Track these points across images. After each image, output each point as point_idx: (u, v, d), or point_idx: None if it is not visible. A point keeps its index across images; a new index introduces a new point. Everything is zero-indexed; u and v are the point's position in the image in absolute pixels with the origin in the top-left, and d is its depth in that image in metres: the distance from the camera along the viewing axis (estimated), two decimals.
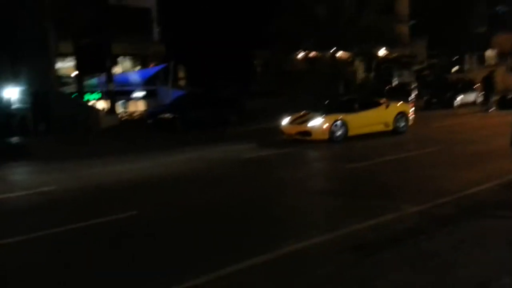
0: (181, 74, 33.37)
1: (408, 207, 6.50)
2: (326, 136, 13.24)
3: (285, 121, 14.18)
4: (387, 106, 14.66)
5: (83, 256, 5.49)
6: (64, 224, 6.61)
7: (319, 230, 5.76)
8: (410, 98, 23.38)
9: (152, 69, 28.78)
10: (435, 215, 6.15)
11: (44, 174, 10.97)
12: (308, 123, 13.48)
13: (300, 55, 29.14)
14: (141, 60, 30.38)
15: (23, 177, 11.27)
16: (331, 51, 26.30)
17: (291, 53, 28.28)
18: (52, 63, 25.92)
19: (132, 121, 23.24)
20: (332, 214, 6.66)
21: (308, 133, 13.39)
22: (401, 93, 23.90)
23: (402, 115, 14.77)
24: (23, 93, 27.40)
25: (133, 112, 26.51)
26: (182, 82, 32.87)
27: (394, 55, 30.74)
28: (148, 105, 27.69)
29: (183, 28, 32.82)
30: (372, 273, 4.40)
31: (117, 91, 24.79)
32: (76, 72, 24.04)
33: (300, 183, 8.81)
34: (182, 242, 5.74)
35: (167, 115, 17.75)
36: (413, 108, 15.70)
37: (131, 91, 26.86)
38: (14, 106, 27.92)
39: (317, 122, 13.38)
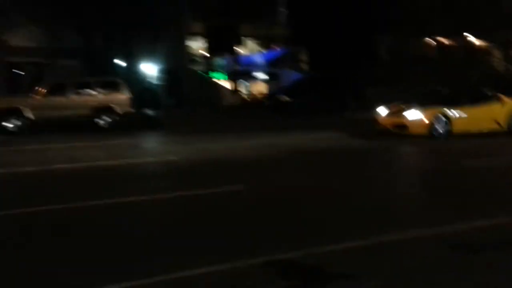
0: (304, 57, 33.68)
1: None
2: (425, 132, 12.23)
3: (383, 111, 13.32)
4: (502, 102, 13.04)
5: (187, 218, 6.15)
6: (176, 190, 7.40)
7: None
8: None
9: (276, 52, 29.48)
10: None
11: (170, 144, 12.18)
12: (405, 115, 12.52)
13: (430, 40, 27.55)
14: (266, 42, 31.24)
15: (152, 146, 12.61)
16: (466, 37, 24.40)
17: (418, 38, 26.87)
18: (185, 43, 28.00)
19: (253, 102, 24.20)
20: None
21: (404, 126, 12.44)
22: None
23: None
24: (159, 69, 30.11)
25: (255, 94, 27.58)
26: (304, 66, 33.16)
27: None
28: (270, 87, 28.58)
29: (309, 12, 32.87)
30: (461, 273, 4.34)
31: (242, 72, 26.01)
32: (206, 52, 25.65)
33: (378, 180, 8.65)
34: (275, 219, 6.12)
35: (283, 98, 18.24)
36: None
37: (255, 73, 27.92)
38: (150, 81, 30.85)
39: (415, 115, 12.37)
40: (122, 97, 15.30)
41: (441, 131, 12.27)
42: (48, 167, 9.32)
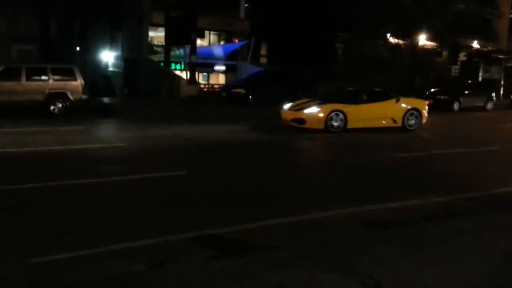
0: (263, 51, 34.22)
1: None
2: (322, 126, 12.71)
3: (287, 106, 13.72)
4: (397, 101, 13.80)
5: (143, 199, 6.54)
6: (125, 174, 7.78)
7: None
8: (492, 95, 22.36)
9: (235, 44, 29.86)
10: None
11: (120, 131, 12.42)
12: (304, 110, 13.02)
13: (384, 40, 28.67)
14: (226, 35, 31.55)
15: (103, 132, 12.79)
16: (414, 39, 25.58)
17: (373, 38, 27.90)
18: (145, 32, 27.93)
19: (210, 93, 24.52)
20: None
21: (302, 120, 12.90)
22: (484, 90, 22.89)
23: (414, 111, 13.90)
24: (116, 58, 29.91)
25: (213, 85, 27.91)
26: (263, 60, 33.69)
27: (486, 49, 29.18)
28: (228, 79, 28.96)
29: (269, 7, 33.39)
30: (366, 245, 4.93)
31: (201, 64, 26.22)
32: (165, 43, 25.72)
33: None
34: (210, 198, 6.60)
35: (239, 90, 18.68)
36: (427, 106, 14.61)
37: (213, 64, 28.23)
38: (107, 69, 30.61)
39: (312, 110, 12.92)
40: (75, 84, 15.27)
41: (336, 126, 12.80)
42: None
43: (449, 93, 21.23)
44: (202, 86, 25.97)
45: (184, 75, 23.78)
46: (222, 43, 31.34)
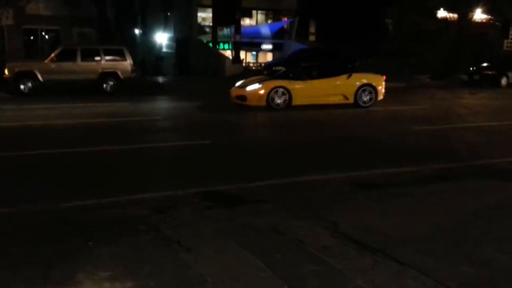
0: (312, 29, 34.36)
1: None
2: (263, 103, 12.63)
3: (238, 83, 13.81)
4: (349, 77, 13.40)
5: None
6: (153, 142, 8.78)
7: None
8: None
9: (281, 23, 30.27)
10: None
11: (161, 106, 13.60)
12: (246, 87, 13.03)
13: (433, 14, 27.93)
14: (273, 14, 31.99)
15: (146, 107, 13.98)
16: (466, 12, 24.72)
17: (421, 12, 27.25)
18: (195, 13, 29.02)
19: (254, 71, 25.24)
20: None
21: (244, 97, 12.93)
22: None
23: (368, 88, 13.44)
24: (170, 39, 31.31)
25: (261, 63, 28.60)
26: (312, 37, 33.88)
27: None
28: (275, 57, 29.52)
29: None
30: (346, 200, 5.58)
31: (248, 43, 27.01)
32: (213, 23, 26.68)
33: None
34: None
35: (279, 68, 19.24)
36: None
37: (261, 43, 28.88)
38: (163, 50, 32.14)
39: (253, 87, 12.88)
40: (125, 64, 16.56)
41: (278, 103, 12.70)
42: (50, 122, 10.82)
43: (497, 68, 20.68)
44: (249, 64, 26.76)
45: (230, 54, 24.65)
46: (269, 21, 31.85)
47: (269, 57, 30.57)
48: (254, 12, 30.66)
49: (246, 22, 30.23)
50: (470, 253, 3.97)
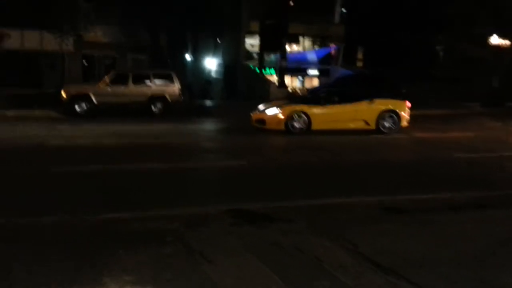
0: (359, 55, 34.40)
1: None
2: (282, 127, 12.75)
3: (260, 107, 13.86)
4: (370, 102, 13.28)
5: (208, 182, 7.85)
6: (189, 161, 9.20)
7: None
8: None
9: (327, 49, 30.57)
10: None
11: (204, 129, 14.12)
12: (266, 111, 13.18)
13: (483, 41, 27.33)
14: (320, 40, 32.36)
15: (189, 129, 14.48)
16: None
17: (471, 39, 26.74)
18: (242, 40, 29.89)
19: (298, 96, 25.54)
20: None
21: (263, 121, 13.06)
22: None
23: (391, 113, 13.29)
24: (219, 65, 32.34)
25: (306, 88, 28.91)
26: (360, 64, 33.89)
27: None
28: (321, 82, 29.72)
29: (364, 11, 33.48)
30: (372, 223, 5.64)
31: (294, 68, 27.42)
32: (259, 49, 27.38)
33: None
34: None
35: (321, 92, 19.40)
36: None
37: (306, 69, 29.26)
38: (211, 75, 33.21)
39: (273, 111, 13.02)
40: (173, 88, 17.32)
41: (297, 127, 12.78)
42: (100, 141, 11.53)
43: None
44: (294, 90, 27.13)
45: (276, 79, 25.14)
46: (316, 47, 32.21)
47: (315, 82, 30.82)
48: (301, 38, 31.16)
49: (293, 48, 30.74)
50: (485, 279, 3.96)
